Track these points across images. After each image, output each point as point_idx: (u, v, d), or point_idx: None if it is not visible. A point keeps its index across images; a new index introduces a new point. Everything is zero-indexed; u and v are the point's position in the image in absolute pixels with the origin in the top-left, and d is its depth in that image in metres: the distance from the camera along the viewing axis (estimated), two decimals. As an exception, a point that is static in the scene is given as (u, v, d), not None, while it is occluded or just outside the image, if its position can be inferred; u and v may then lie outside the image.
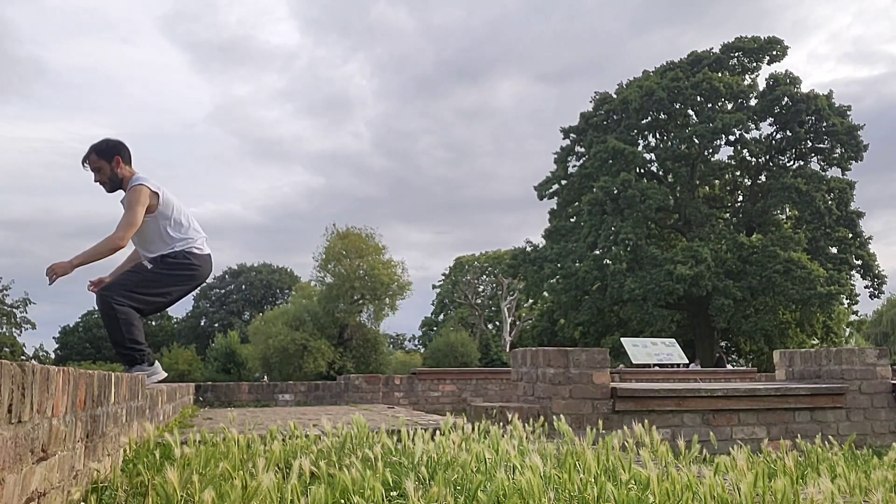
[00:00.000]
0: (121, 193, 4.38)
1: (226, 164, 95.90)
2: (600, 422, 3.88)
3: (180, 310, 61.84)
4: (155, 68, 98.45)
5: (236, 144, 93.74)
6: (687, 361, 20.02)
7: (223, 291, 59.53)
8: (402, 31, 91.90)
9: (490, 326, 49.48)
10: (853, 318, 35.00)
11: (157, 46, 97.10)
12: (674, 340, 21.07)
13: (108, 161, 4.36)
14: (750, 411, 5.29)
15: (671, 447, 2.93)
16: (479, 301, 50.15)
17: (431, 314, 58.81)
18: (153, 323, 60.73)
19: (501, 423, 3.69)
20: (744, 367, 24.92)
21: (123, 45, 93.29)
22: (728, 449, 2.65)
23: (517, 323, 42.99)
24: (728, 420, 5.24)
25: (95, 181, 4.39)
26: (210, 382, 12.29)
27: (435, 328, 55.36)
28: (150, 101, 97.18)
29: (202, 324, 58.35)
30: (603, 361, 5.03)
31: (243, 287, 58.42)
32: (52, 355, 53.92)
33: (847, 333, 35.89)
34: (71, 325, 58.00)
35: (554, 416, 3.60)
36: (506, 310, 42.46)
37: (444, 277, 57.82)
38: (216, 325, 56.55)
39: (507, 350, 38.56)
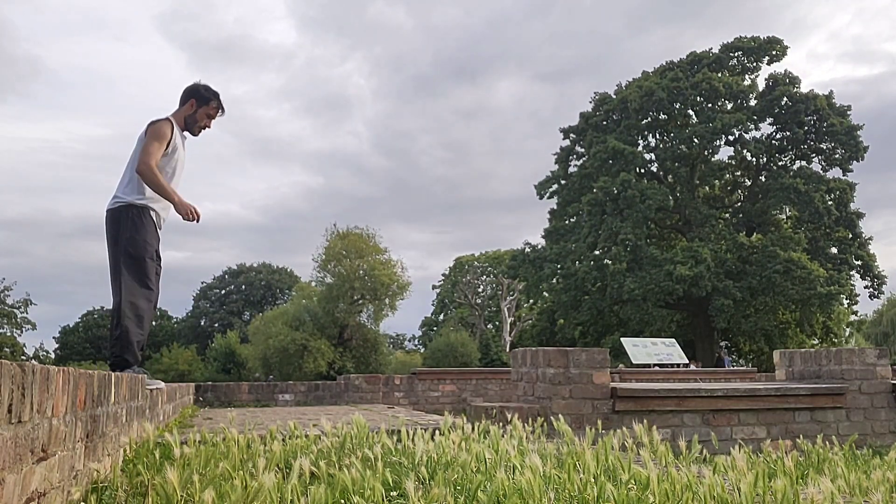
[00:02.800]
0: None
1: (224, 163, 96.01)
2: (600, 422, 3.87)
3: (180, 310, 61.86)
4: (152, 67, 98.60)
5: (234, 144, 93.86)
6: (687, 361, 20.02)
7: (223, 291, 59.55)
8: (400, 30, 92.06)
9: (490, 326, 49.46)
10: (853, 318, 35.00)
11: (154, 45, 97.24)
12: (674, 340, 21.07)
13: None
14: (750, 411, 5.29)
15: (671, 447, 2.93)
16: (479, 301, 50.14)
17: (431, 314, 58.86)
18: (153, 322, 60.74)
19: (501, 423, 3.69)
20: (743, 367, 24.91)
21: (120, 44, 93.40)
22: (728, 449, 2.65)
23: (517, 323, 42.98)
24: (728, 420, 5.23)
25: (206, 128, 4.26)
26: (210, 382, 12.29)
27: (435, 328, 55.36)
28: (147, 100, 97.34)
29: (202, 324, 58.36)
30: (603, 361, 5.03)
31: (243, 287, 58.42)
32: (53, 355, 53.91)
33: (847, 333, 35.90)
34: (71, 325, 58.02)
35: (554, 416, 3.60)
36: (506, 310, 42.44)
37: (444, 277, 57.85)
38: (216, 325, 56.57)
39: (507, 350, 38.54)
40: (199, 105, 4.14)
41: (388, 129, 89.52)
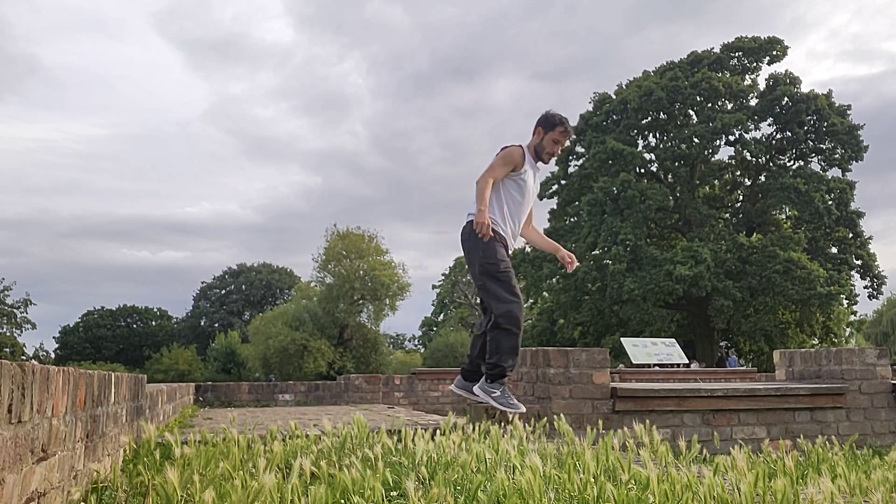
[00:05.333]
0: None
1: (222, 163, 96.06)
2: (600, 422, 3.87)
3: (180, 310, 61.87)
4: (149, 66, 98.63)
5: (232, 143, 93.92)
6: (687, 361, 20.01)
7: (223, 291, 59.53)
8: (398, 28, 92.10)
9: (490, 326, 49.35)
10: (853, 318, 35.01)
11: (151, 44, 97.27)
12: (674, 340, 21.06)
13: None
14: (750, 411, 5.29)
15: (671, 447, 2.93)
16: (479, 301, 50.10)
17: (431, 314, 58.83)
18: (153, 323, 60.73)
19: (502, 423, 3.69)
20: (744, 367, 24.92)
21: (117, 43, 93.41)
22: (728, 449, 2.65)
23: (517, 323, 42.92)
24: (728, 420, 5.23)
25: (555, 155, 4.37)
26: (210, 382, 12.30)
27: (435, 328, 55.35)
28: (144, 99, 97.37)
29: (202, 324, 58.33)
30: (603, 361, 5.02)
31: (243, 287, 58.40)
32: (53, 355, 53.93)
33: (847, 333, 35.89)
34: (71, 325, 58.04)
35: (554, 416, 3.60)
36: (506, 310, 42.39)
37: (443, 277, 57.82)
38: (216, 325, 56.55)
39: (507, 350, 38.46)
40: (546, 131, 4.30)
41: (386, 129, 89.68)
